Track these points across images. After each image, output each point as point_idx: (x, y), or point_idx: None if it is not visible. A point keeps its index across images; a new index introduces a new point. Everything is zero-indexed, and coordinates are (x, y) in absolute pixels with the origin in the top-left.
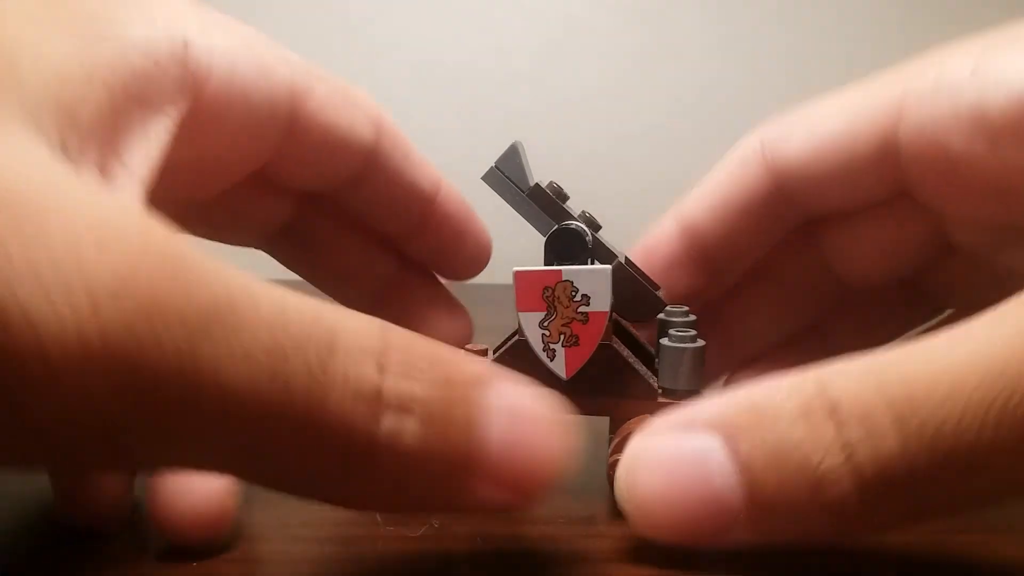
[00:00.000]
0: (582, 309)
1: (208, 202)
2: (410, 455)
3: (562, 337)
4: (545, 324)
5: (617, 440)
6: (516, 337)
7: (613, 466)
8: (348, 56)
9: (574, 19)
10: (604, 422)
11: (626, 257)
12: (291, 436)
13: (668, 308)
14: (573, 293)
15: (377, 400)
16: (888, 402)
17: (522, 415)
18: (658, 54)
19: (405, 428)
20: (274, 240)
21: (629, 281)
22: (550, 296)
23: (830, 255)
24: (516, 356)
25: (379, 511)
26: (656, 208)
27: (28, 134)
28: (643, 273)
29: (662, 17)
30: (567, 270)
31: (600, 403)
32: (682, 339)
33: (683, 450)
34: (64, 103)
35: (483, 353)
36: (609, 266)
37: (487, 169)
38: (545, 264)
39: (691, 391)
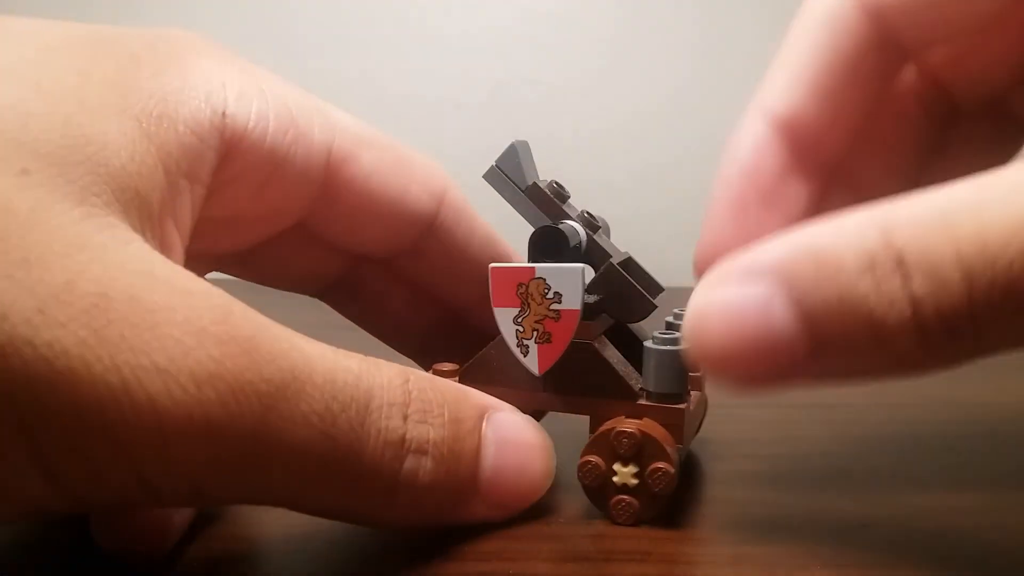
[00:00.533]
0: (554, 306)
1: (247, 253)
2: (424, 488)
3: (535, 334)
4: (519, 320)
5: (591, 440)
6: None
7: (582, 467)
8: (335, 51)
9: (568, 10)
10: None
11: (629, 257)
12: (334, 478)
13: (677, 311)
14: (546, 290)
15: (401, 445)
16: (957, 252)
17: (508, 443)
18: (650, 44)
19: (421, 466)
20: (325, 292)
21: (618, 282)
22: (524, 292)
23: (940, 76)
24: (482, 365)
25: (397, 529)
26: (661, 207)
27: (124, 227)
28: (646, 273)
29: (658, 6)
30: (540, 267)
31: (581, 402)
32: (664, 341)
33: (746, 299)
34: (142, 193)
35: (453, 372)
36: (581, 264)
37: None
38: (529, 262)
39: (674, 395)
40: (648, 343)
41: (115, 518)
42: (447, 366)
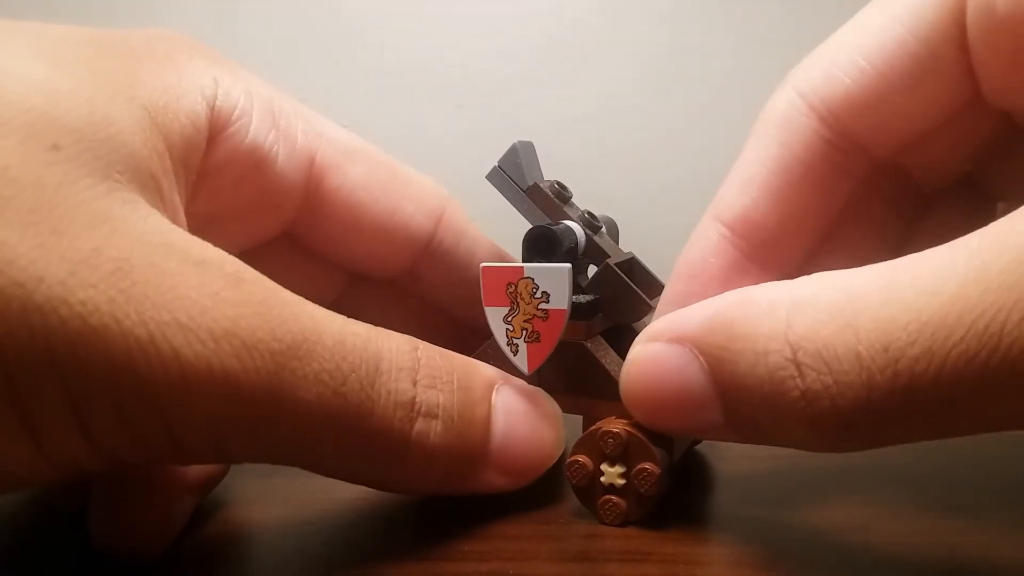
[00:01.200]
0: (542, 306)
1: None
2: (435, 449)
3: (524, 333)
4: (509, 319)
5: (579, 439)
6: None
7: (570, 466)
8: (352, 57)
9: (583, 19)
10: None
11: (632, 257)
12: (347, 437)
13: None
14: (534, 290)
15: (411, 407)
16: (857, 350)
17: (518, 412)
18: (673, 55)
19: (431, 429)
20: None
21: (614, 282)
22: (513, 292)
23: (900, 165)
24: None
25: (408, 493)
26: (673, 208)
27: (143, 202)
28: (649, 274)
29: (678, 18)
30: (528, 267)
31: (573, 401)
32: None
33: (669, 359)
34: (155, 176)
35: None
36: (567, 264)
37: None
38: (523, 262)
39: None
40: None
41: (114, 513)
42: None
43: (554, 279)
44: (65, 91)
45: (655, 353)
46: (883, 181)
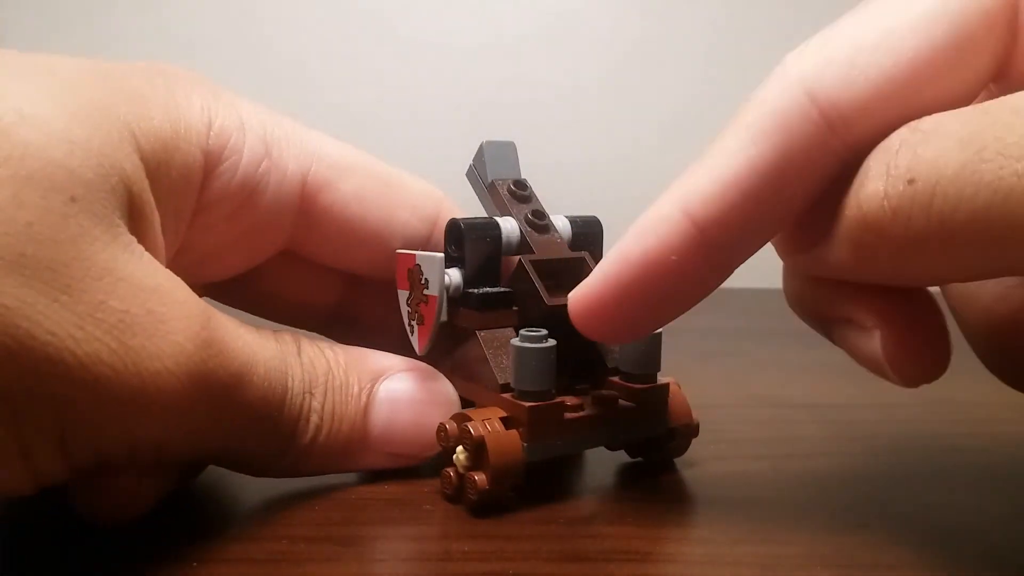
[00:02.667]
0: (425, 292)
1: (237, 282)
2: (312, 444)
3: (417, 315)
4: (408, 302)
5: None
6: None
7: (439, 429)
8: (344, 54)
9: (570, 12)
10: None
11: (582, 258)
12: (254, 442)
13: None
14: (420, 276)
15: (299, 414)
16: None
17: (402, 401)
18: (657, 49)
19: (307, 429)
20: (325, 325)
21: (523, 279)
22: (412, 277)
23: None
24: (463, 364)
25: (301, 476)
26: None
27: (138, 246)
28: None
29: (662, 11)
30: (419, 255)
31: (466, 387)
32: (529, 339)
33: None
34: (150, 220)
35: None
36: (440, 254)
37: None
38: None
39: (534, 392)
40: (514, 340)
41: (96, 484)
42: None
43: (431, 267)
44: (81, 141)
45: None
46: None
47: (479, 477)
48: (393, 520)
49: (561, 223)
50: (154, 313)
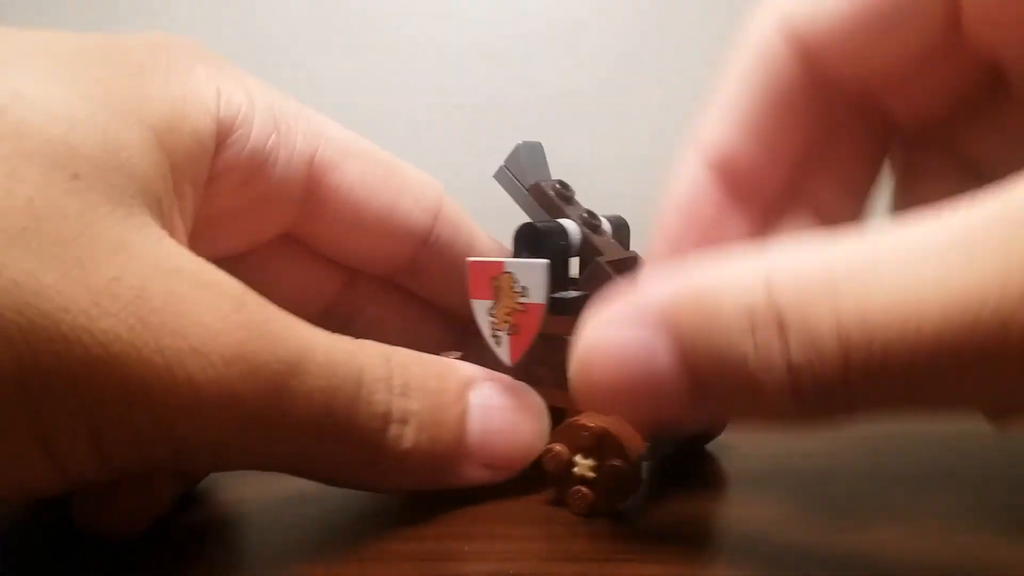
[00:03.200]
0: (521, 300)
1: (238, 262)
2: (407, 453)
3: (506, 325)
4: (492, 312)
5: (556, 429)
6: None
7: (545, 453)
8: (344, 53)
9: (577, 15)
10: None
11: (634, 256)
12: (330, 445)
13: None
14: (514, 284)
15: (386, 416)
16: (838, 323)
17: (496, 408)
18: (661, 49)
19: (404, 434)
20: (322, 317)
21: (602, 278)
22: (496, 286)
23: (879, 103)
24: (479, 359)
25: (389, 492)
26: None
27: (155, 225)
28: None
29: (669, 11)
30: (508, 262)
31: (557, 394)
32: None
33: (630, 342)
34: (159, 197)
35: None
36: (545, 260)
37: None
38: (514, 257)
39: None
40: None
41: (97, 497)
42: (453, 354)
43: (532, 274)
44: (82, 118)
45: (615, 337)
46: (863, 117)
47: (615, 462)
48: (394, 520)
49: (604, 224)
50: (175, 293)
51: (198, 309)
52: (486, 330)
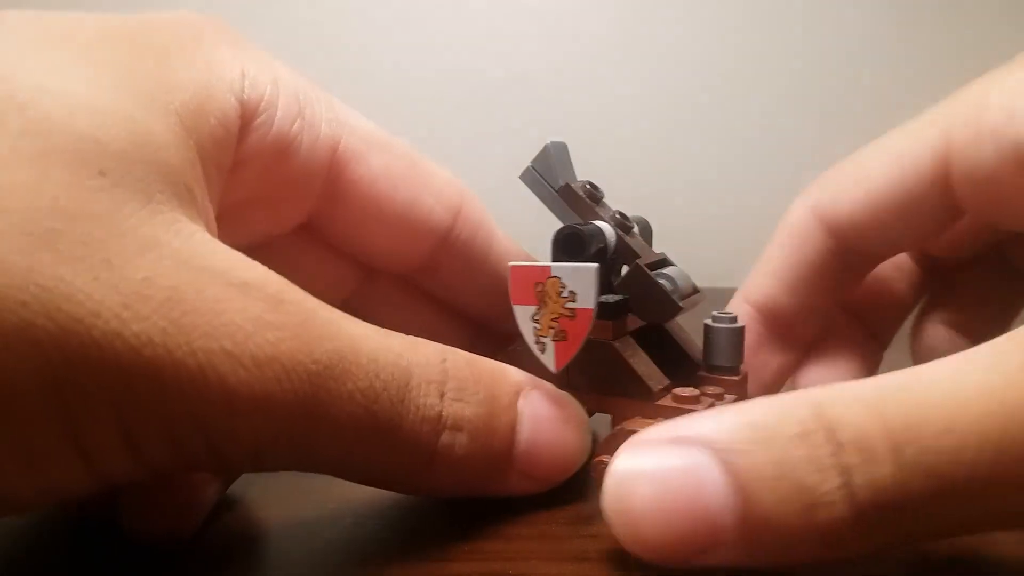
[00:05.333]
0: (569, 305)
1: (257, 251)
2: (460, 460)
3: (552, 331)
4: (536, 318)
5: (604, 439)
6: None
7: (596, 466)
8: (370, 62)
9: (605, 21)
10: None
11: (663, 258)
12: (376, 449)
13: (715, 313)
14: (561, 289)
15: (438, 422)
16: (886, 429)
17: (544, 419)
18: (669, 41)
19: (457, 441)
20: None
21: (643, 282)
22: (541, 291)
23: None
24: (512, 360)
25: (437, 496)
26: (691, 208)
27: (185, 220)
28: (681, 274)
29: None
30: (555, 266)
31: (602, 400)
32: (720, 320)
33: (675, 463)
34: (189, 186)
35: None
36: (595, 264)
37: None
38: (552, 261)
39: (730, 367)
40: (707, 321)
41: (143, 499)
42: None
43: (581, 279)
44: (108, 110)
45: (657, 462)
46: (897, 270)
47: None
48: (394, 519)
49: (634, 225)
50: (206, 292)
51: (230, 309)
52: (530, 337)
